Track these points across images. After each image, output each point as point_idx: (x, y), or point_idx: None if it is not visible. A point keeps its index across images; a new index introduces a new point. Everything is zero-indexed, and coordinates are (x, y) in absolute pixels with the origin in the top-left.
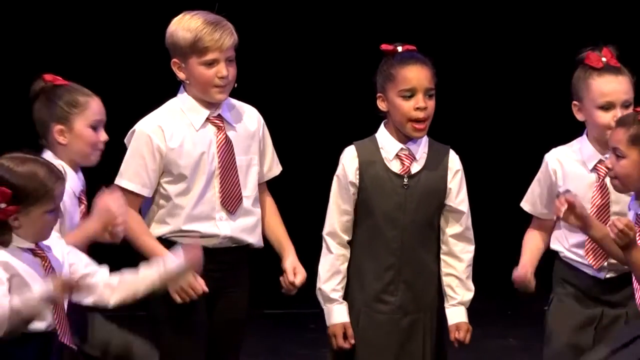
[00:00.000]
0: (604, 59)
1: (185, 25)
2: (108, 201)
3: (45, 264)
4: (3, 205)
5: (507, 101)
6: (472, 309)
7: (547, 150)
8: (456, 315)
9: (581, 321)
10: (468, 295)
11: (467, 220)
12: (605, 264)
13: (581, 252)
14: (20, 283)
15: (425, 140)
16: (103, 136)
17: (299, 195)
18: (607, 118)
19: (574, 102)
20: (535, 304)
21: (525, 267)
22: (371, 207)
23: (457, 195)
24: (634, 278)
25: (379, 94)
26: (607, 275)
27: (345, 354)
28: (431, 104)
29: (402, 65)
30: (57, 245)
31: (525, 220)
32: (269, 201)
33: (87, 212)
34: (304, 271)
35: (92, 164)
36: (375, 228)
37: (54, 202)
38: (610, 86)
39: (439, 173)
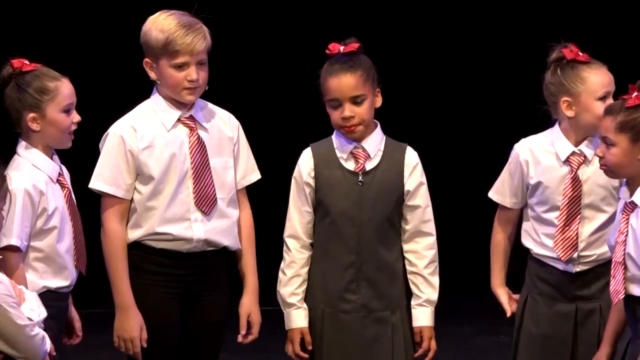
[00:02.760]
0: (580, 53)
1: (159, 26)
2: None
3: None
4: None
5: (469, 97)
6: (463, 307)
7: (508, 143)
8: (421, 317)
9: (556, 319)
10: (433, 294)
11: (424, 214)
12: (575, 255)
13: (551, 243)
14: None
15: (380, 138)
16: (76, 117)
17: (270, 198)
18: (600, 108)
19: (564, 98)
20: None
21: (499, 286)
22: (328, 206)
23: (415, 190)
24: (611, 270)
25: (323, 99)
26: (578, 269)
27: (313, 356)
28: (360, 109)
29: (328, 76)
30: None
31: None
32: (245, 217)
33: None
34: (258, 319)
35: (66, 148)
36: (333, 227)
37: (4, 199)
38: (606, 78)
39: (395, 169)
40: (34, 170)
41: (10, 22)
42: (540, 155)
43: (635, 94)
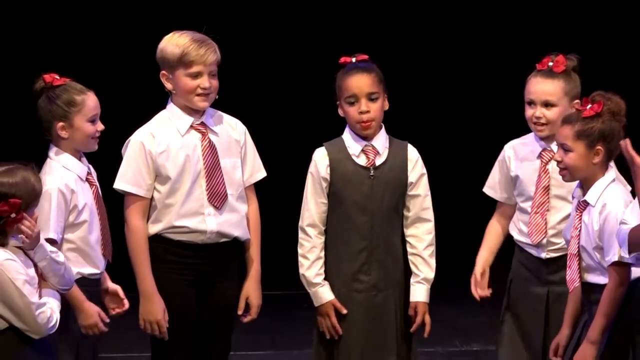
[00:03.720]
0: (550, 64)
1: (174, 42)
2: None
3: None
4: (14, 214)
5: (468, 100)
6: (447, 291)
7: (502, 141)
8: (418, 293)
9: (533, 302)
10: (430, 273)
11: (424, 202)
12: (544, 241)
13: (527, 230)
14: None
15: (385, 137)
16: (100, 127)
17: (279, 192)
18: (529, 113)
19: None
20: (504, 285)
21: (479, 272)
22: (342, 197)
23: (417, 181)
24: (567, 261)
25: (337, 102)
26: (547, 256)
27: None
28: (374, 105)
29: (346, 76)
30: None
31: (493, 205)
32: (252, 212)
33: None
34: (256, 302)
35: (92, 151)
36: (347, 216)
37: (39, 199)
38: (535, 87)
39: (400, 164)
40: (65, 171)
41: (45, 41)
42: (521, 152)
43: (590, 105)
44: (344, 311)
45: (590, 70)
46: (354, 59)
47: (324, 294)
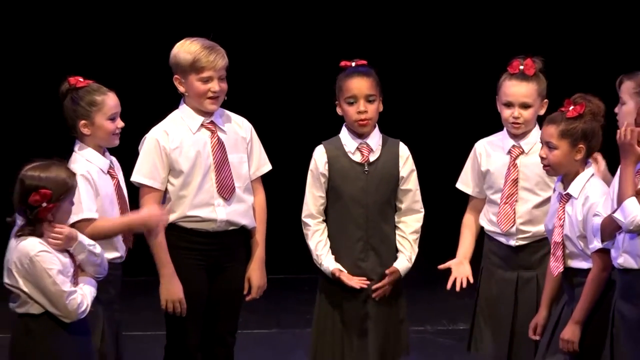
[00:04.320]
0: (521, 67)
1: (186, 49)
2: (155, 210)
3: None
4: (44, 204)
5: (447, 102)
6: (433, 275)
7: (476, 139)
8: (399, 263)
9: (503, 286)
10: (414, 255)
11: (415, 195)
12: (513, 229)
13: (496, 219)
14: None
15: (379, 135)
16: (119, 124)
17: (283, 186)
18: (507, 113)
19: (497, 100)
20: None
21: (459, 261)
22: (340, 192)
23: (408, 176)
24: (551, 249)
25: (335, 102)
26: (517, 243)
27: (326, 313)
28: (371, 107)
29: (347, 78)
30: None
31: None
32: (259, 201)
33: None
34: (257, 283)
35: (114, 146)
36: (345, 208)
37: (74, 193)
38: (513, 89)
39: (392, 160)
40: (88, 163)
41: (74, 48)
42: (491, 149)
43: (572, 107)
44: (348, 280)
45: (553, 71)
46: (353, 64)
47: (329, 265)
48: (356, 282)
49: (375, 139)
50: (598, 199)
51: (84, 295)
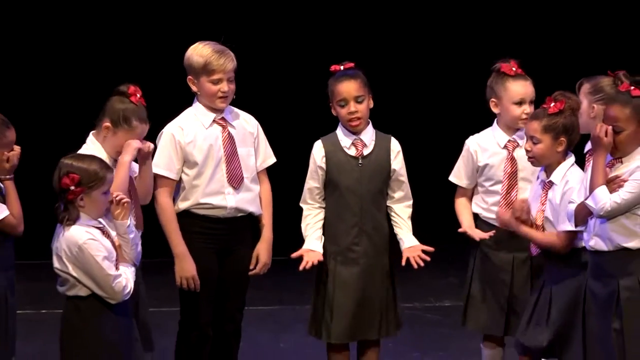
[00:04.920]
0: (513, 68)
1: (198, 52)
2: (131, 141)
3: (109, 239)
4: (72, 187)
5: (437, 101)
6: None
7: (465, 137)
8: (409, 239)
9: (499, 267)
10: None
11: (405, 186)
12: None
13: (496, 209)
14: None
15: (372, 131)
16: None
17: (285, 177)
18: (519, 111)
19: (492, 99)
20: (469, 249)
21: (470, 227)
22: (336, 183)
23: (399, 169)
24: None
25: (330, 104)
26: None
27: (324, 292)
28: (361, 106)
29: (336, 83)
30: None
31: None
32: (265, 190)
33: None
34: (264, 260)
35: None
36: (341, 198)
37: (107, 186)
38: (522, 88)
39: (384, 154)
40: (104, 155)
41: (101, 52)
42: (485, 145)
43: (553, 104)
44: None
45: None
46: (342, 67)
47: (307, 244)
48: (305, 263)
49: (368, 134)
50: (576, 185)
51: (127, 278)
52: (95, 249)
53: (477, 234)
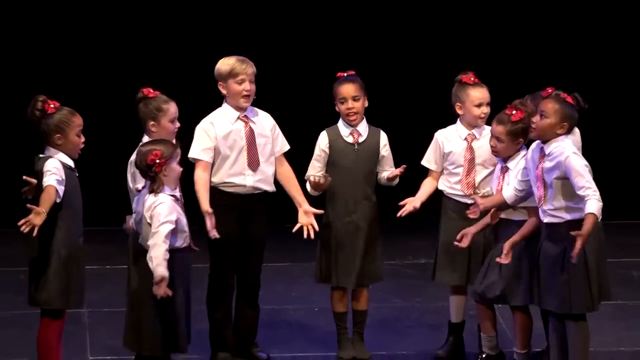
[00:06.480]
0: (472, 79)
1: (224, 62)
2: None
3: (183, 209)
4: (158, 160)
5: (416, 103)
6: (403, 221)
7: (435, 131)
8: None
9: (459, 231)
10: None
11: (391, 167)
12: (473, 192)
13: (458, 186)
14: (178, 224)
15: (366, 125)
16: (177, 125)
17: (298, 160)
18: (479, 111)
19: (457, 103)
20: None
21: (411, 200)
22: (337, 164)
23: (387, 155)
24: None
25: (334, 102)
26: (471, 201)
27: (326, 248)
28: (357, 104)
29: (339, 85)
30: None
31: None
32: (287, 168)
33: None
34: (311, 210)
35: (172, 140)
36: (340, 176)
37: (179, 156)
38: (481, 94)
39: (375, 143)
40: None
41: (143, 63)
42: (450, 137)
43: (515, 112)
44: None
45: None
46: (345, 74)
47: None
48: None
49: (363, 127)
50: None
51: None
52: (162, 213)
53: (406, 208)
